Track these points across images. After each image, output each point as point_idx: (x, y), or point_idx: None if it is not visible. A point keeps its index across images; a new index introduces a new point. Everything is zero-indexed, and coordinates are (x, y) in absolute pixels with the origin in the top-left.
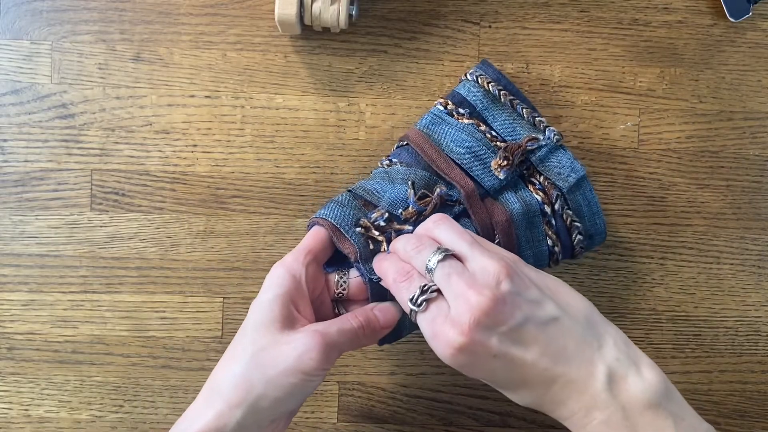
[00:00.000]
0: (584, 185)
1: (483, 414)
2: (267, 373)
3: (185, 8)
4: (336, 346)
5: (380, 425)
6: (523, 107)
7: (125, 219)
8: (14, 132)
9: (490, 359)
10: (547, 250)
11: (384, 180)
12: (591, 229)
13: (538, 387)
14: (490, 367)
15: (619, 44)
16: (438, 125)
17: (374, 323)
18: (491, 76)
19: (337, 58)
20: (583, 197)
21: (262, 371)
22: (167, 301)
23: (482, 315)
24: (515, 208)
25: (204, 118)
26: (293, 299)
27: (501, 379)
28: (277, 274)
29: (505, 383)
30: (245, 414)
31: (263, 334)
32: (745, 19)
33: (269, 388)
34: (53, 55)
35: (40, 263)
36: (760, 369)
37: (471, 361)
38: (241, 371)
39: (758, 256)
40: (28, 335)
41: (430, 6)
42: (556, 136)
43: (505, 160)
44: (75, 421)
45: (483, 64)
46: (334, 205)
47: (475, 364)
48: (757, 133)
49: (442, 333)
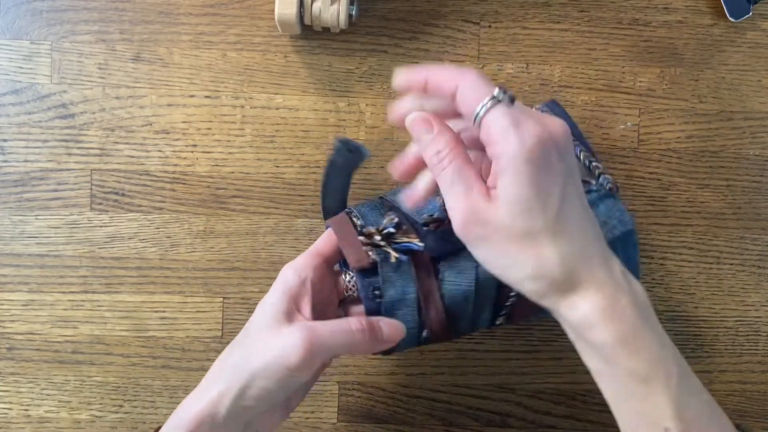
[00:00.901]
0: (629, 240)
1: (483, 414)
2: (253, 363)
3: (185, 8)
4: (324, 346)
5: (380, 425)
6: (581, 149)
7: (125, 219)
8: (14, 132)
9: (560, 174)
10: None
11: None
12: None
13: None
14: (555, 181)
15: (619, 44)
16: None
17: (376, 333)
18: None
19: (337, 58)
20: (623, 252)
21: (249, 361)
22: (167, 301)
23: (564, 134)
24: None
25: (204, 118)
26: (295, 298)
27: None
28: (283, 275)
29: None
30: (234, 402)
31: (260, 328)
32: (745, 19)
33: (255, 379)
34: (53, 55)
35: (40, 263)
36: (760, 369)
37: (546, 161)
38: (232, 361)
39: (758, 256)
40: (28, 335)
41: (430, 6)
42: (609, 183)
43: None
44: (75, 421)
45: (552, 103)
46: (360, 207)
47: (549, 167)
48: (757, 133)
49: (526, 123)
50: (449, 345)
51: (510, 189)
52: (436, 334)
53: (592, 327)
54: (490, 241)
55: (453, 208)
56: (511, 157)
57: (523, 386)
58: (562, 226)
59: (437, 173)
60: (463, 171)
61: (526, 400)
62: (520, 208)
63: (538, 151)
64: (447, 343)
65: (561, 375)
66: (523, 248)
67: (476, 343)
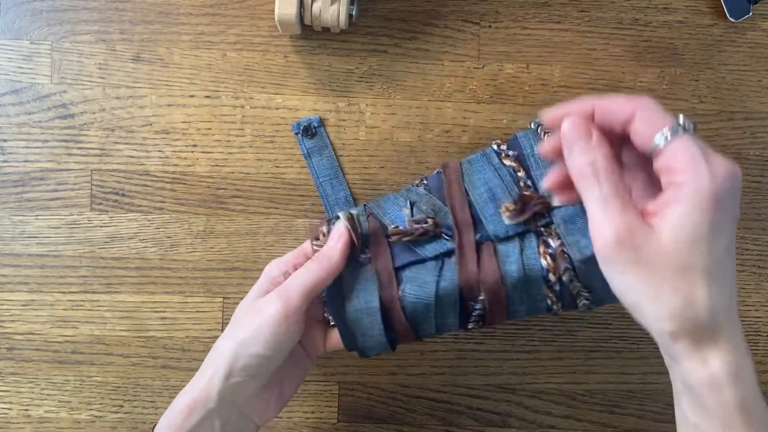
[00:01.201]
0: None
1: (483, 414)
2: (238, 337)
3: (185, 8)
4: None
5: (380, 425)
6: None
7: (125, 219)
8: (14, 132)
9: (732, 217)
10: (545, 308)
11: (401, 197)
12: (604, 297)
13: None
14: (728, 223)
15: (619, 44)
16: (480, 163)
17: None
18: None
19: (337, 58)
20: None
21: (233, 338)
22: (167, 301)
23: (741, 177)
24: (511, 271)
25: (204, 118)
26: (274, 280)
27: (721, 246)
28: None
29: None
30: (224, 381)
31: (242, 312)
32: (745, 19)
33: (240, 349)
34: (53, 55)
35: (40, 263)
36: (760, 369)
37: (727, 201)
38: (219, 346)
39: (758, 256)
40: (28, 335)
41: (430, 6)
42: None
43: (513, 204)
44: (75, 421)
45: None
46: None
47: (726, 207)
48: (757, 133)
49: (715, 157)
50: (449, 345)
51: (685, 220)
52: (403, 336)
53: (719, 387)
54: (639, 266)
55: (604, 224)
56: (696, 188)
57: (523, 386)
58: (720, 271)
59: (588, 184)
60: (619, 188)
61: (526, 400)
62: (688, 241)
63: (727, 188)
64: (447, 343)
65: (561, 375)
66: (676, 283)
67: (476, 343)
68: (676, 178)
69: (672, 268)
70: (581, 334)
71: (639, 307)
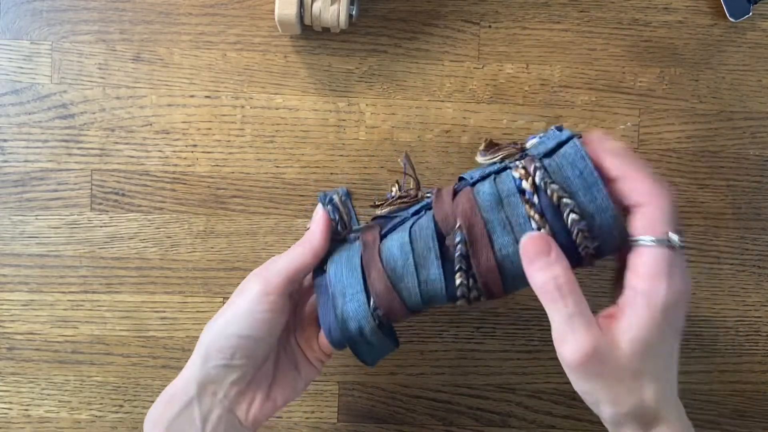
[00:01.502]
0: (571, 152)
1: (483, 414)
2: (218, 321)
3: (185, 8)
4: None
5: (380, 425)
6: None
7: (125, 219)
8: (14, 132)
9: (678, 328)
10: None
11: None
12: (589, 206)
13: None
14: (674, 333)
15: (619, 44)
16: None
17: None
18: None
19: (337, 58)
20: (571, 167)
21: (215, 322)
22: (167, 301)
23: (688, 297)
24: (483, 190)
25: (204, 118)
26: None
27: (666, 352)
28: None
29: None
30: (202, 365)
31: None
32: (745, 19)
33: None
34: (53, 55)
35: (40, 263)
36: (760, 369)
37: (675, 315)
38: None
39: (758, 256)
40: (28, 335)
41: (430, 6)
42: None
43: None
44: (75, 421)
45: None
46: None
47: (675, 320)
48: (757, 133)
49: (675, 277)
50: (449, 345)
51: (639, 332)
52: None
53: None
54: (603, 377)
55: (571, 342)
56: (651, 302)
57: (523, 386)
58: (664, 371)
59: (551, 299)
60: (582, 305)
61: (526, 400)
62: (641, 351)
63: (675, 306)
64: (447, 343)
65: (561, 375)
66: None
67: (476, 343)
68: (638, 284)
69: (628, 374)
70: None
71: (598, 405)
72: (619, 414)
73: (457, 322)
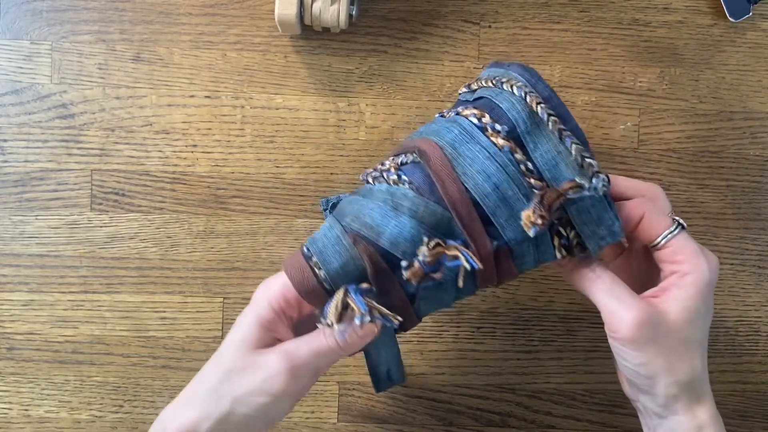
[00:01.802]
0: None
1: (483, 414)
2: (236, 391)
3: (185, 8)
4: (305, 366)
5: (380, 425)
6: (573, 141)
7: (125, 219)
8: (14, 132)
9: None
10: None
11: (386, 205)
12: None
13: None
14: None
15: (619, 44)
16: (466, 144)
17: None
18: (542, 94)
19: (337, 58)
20: None
21: (231, 389)
22: (167, 301)
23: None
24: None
25: (204, 118)
26: (270, 324)
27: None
28: (257, 298)
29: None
30: (214, 426)
31: (237, 353)
32: (745, 19)
33: (237, 406)
34: (53, 55)
35: (40, 263)
36: (760, 369)
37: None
38: (213, 385)
39: (758, 256)
40: (28, 335)
41: (430, 6)
42: (603, 187)
43: (540, 219)
44: (75, 421)
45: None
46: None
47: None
48: (757, 133)
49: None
50: (449, 345)
51: (688, 302)
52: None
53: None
54: (658, 344)
55: (622, 311)
56: (697, 277)
57: (523, 386)
58: (705, 342)
59: (590, 279)
60: (615, 277)
61: (526, 400)
62: (693, 318)
63: (715, 277)
64: (447, 343)
65: (561, 375)
66: (683, 354)
67: (476, 343)
68: (681, 267)
69: (680, 341)
70: (581, 334)
71: (654, 379)
72: (676, 383)
73: (457, 322)
